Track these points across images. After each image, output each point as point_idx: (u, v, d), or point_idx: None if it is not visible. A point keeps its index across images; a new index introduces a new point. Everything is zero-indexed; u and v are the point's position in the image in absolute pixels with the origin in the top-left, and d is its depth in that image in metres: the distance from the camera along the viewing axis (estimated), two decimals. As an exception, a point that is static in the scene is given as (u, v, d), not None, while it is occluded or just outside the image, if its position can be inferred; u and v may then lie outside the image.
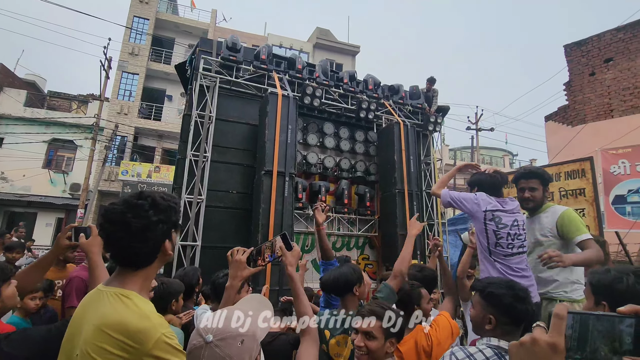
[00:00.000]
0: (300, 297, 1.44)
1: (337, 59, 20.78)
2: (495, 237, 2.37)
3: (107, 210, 1.09)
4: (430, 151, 7.07)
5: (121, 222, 1.05)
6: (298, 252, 1.48)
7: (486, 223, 2.39)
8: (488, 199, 2.44)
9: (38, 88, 18.71)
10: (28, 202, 14.68)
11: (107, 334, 0.96)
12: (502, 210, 2.39)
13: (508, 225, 2.37)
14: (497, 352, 1.28)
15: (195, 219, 4.94)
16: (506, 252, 2.34)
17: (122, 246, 1.06)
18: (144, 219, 1.06)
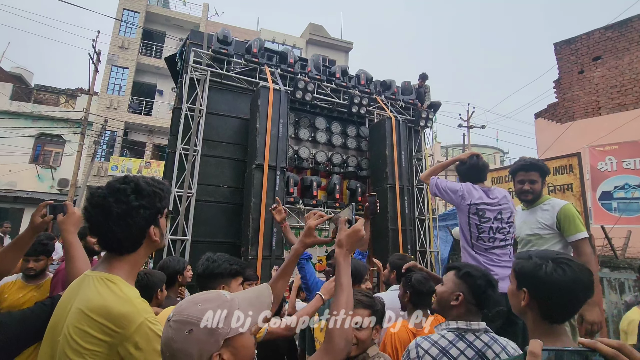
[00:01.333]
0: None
1: (330, 55, 20.73)
2: (477, 231, 2.39)
3: (91, 194, 1.08)
4: (422, 147, 7.11)
5: (102, 206, 1.03)
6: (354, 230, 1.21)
7: (470, 216, 2.41)
8: (474, 190, 2.45)
9: (24, 81, 18.30)
10: (14, 197, 14.39)
11: (90, 317, 0.94)
12: (486, 203, 2.41)
13: (491, 219, 2.39)
14: (458, 334, 1.33)
15: (185, 213, 4.90)
16: (487, 246, 2.37)
17: (103, 231, 1.04)
18: (124, 204, 1.04)
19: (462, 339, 1.32)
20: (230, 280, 1.64)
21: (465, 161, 2.65)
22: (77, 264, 1.37)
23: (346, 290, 1.13)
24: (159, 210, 1.13)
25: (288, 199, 5.46)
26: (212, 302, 0.83)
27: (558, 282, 0.99)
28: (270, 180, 4.94)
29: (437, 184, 2.60)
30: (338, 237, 1.19)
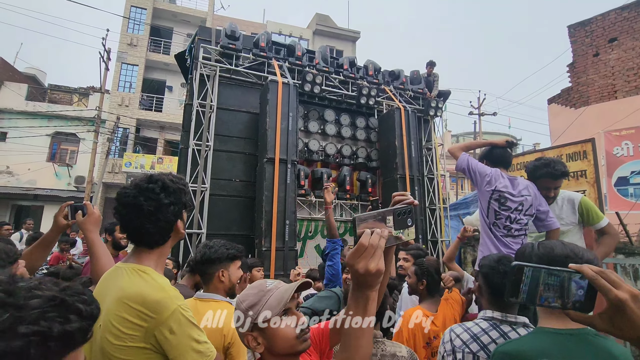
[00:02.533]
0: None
1: (337, 45, 20.53)
2: (494, 217, 2.41)
3: (120, 195, 1.15)
4: (432, 136, 7.08)
5: (133, 205, 1.11)
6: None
7: (490, 202, 2.41)
8: (501, 177, 2.43)
9: (38, 81, 18.68)
10: (34, 195, 14.84)
11: (127, 305, 1.03)
12: (510, 193, 2.40)
13: (511, 208, 2.38)
14: (492, 324, 1.34)
15: (199, 208, 5.02)
16: (502, 233, 2.39)
17: (136, 227, 1.12)
18: (155, 202, 1.12)
19: (496, 328, 1.33)
20: (229, 265, 1.69)
21: (501, 145, 2.63)
22: (102, 261, 1.46)
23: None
24: (185, 205, 1.22)
25: (299, 191, 5.54)
26: (253, 289, 0.97)
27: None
28: (281, 173, 5.01)
29: (469, 162, 2.54)
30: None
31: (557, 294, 0.71)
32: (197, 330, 1.09)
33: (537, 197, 2.45)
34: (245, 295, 0.96)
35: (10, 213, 15.17)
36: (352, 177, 6.31)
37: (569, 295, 0.70)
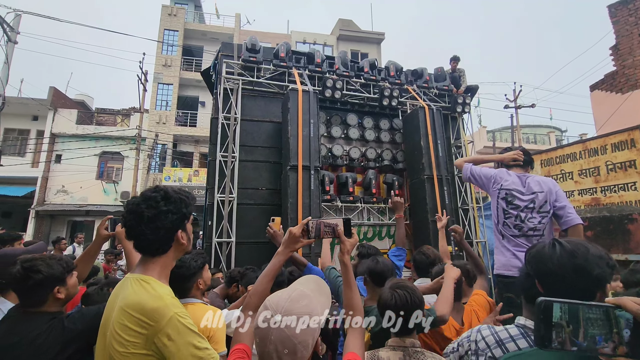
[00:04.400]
0: (353, 287, 1.31)
1: (361, 48, 20.50)
2: (503, 216, 2.31)
3: (127, 202, 1.25)
4: (461, 134, 6.83)
5: (135, 212, 1.19)
6: (356, 240, 1.40)
7: (498, 201, 2.35)
8: (507, 175, 2.36)
9: (87, 106, 20.34)
10: (86, 211, 16.09)
11: (128, 313, 1.09)
12: (518, 190, 2.30)
13: (520, 206, 2.29)
14: (522, 332, 1.24)
15: (228, 217, 5.19)
16: (513, 233, 2.27)
17: (137, 234, 1.20)
18: (154, 209, 1.20)
19: (525, 337, 1.23)
20: (201, 273, 1.77)
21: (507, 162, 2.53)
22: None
23: (353, 287, 1.31)
24: (185, 215, 1.28)
25: (324, 197, 5.55)
26: (305, 298, 1.02)
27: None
28: (305, 179, 5.06)
29: (472, 169, 2.58)
30: (342, 247, 1.35)
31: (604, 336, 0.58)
32: (196, 336, 1.13)
33: (552, 192, 2.30)
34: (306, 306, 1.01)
35: (66, 228, 16.53)
36: (377, 180, 6.23)
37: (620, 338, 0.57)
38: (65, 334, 1.37)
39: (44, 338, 1.34)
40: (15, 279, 1.43)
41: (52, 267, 1.46)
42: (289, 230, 1.36)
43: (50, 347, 1.33)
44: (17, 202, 15.78)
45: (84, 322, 1.43)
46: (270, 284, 1.32)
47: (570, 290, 0.94)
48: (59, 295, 1.47)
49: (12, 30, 7.60)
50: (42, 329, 1.36)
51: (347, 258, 1.34)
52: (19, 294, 1.47)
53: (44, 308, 1.44)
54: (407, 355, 1.37)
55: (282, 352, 0.91)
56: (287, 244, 1.35)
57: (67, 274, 1.53)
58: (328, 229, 1.36)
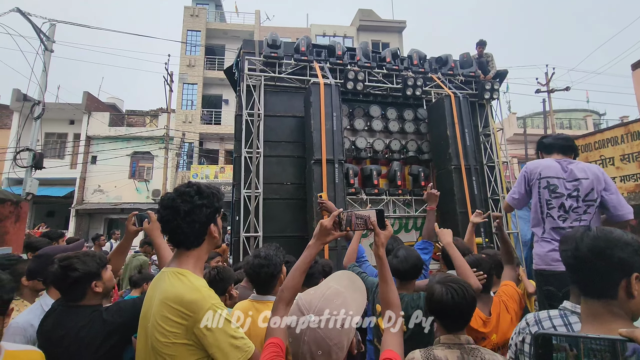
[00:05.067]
0: (389, 282, 1.26)
1: (382, 38, 20.11)
2: (546, 207, 2.16)
3: (162, 198, 1.31)
4: (490, 121, 6.57)
5: (171, 207, 1.25)
6: (390, 232, 1.33)
7: (540, 191, 2.19)
8: (543, 162, 2.21)
9: (118, 109, 21.23)
10: (121, 209, 16.88)
11: (168, 305, 1.15)
12: (560, 177, 2.15)
13: (564, 194, 2.12)
14: (561, 313, 1.26)
15: (255, 212, 5.28)
16: (556, 224, 2.12)
17: (173, 227, 1.25)
18: (189, 203, 1.25)
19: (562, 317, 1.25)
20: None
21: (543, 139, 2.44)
22: (166, 261, 1.64)
23: (390, 282, 1.26)
24: (217, 209, 1.33)
25: (349, 190, 5.53)
26: (340, 296, 0.99)
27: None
28: (329, 173, 5.06)
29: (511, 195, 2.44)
30: (377, 239, 1.28)
31: None
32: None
33: (600, 180, 2.12)
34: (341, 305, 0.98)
35: (103, 225, 17.44)
36: (403, 171, 6.13)
37: None
38: (105, 326, 1.45)
39: (87, 330, 1.43)
40: (55, 277, 1.54)
41: (87, 264, 1.55)
42: (320, 222, 1.31)
43: (93, 339, 1.42)
44: (59, 202, 16.79)
45: (121, 314, 1.50)
46: (302, 277, 1.30)
47: (590, 274, 0.92)
48: (97, 290, 1.56)
49: (48, 40, 8.03)
50: (84, 322, 1.45)
51: (382, 251, 1.27)
52: (60, 290, 1.57)
53: (84, 302, 1.54)
54: (465, 353, 1.28)
55: (316, 353, 0.89)
56: (318, 237, 1.30)
57: (101, 268, 1.61)
58: (360, 221, 1.30)
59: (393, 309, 1.20)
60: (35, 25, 7.78)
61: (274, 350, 1.09)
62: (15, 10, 7.32)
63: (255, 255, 1.73)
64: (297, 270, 1.29)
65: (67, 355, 1.41)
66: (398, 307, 1.22)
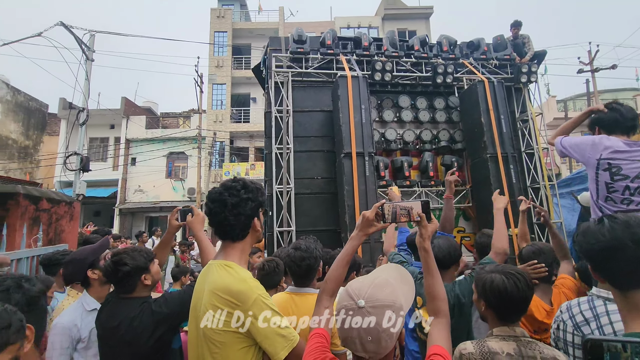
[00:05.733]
0: (436, 274, 1.22)
1: (409, 26, 19.57)
2: (606, 190, 1.97)
3: (210, 192, 1.38)
4: (527, 106, 6.24)
5: (219, 200, 1.31)
6: (436, 225, 1.30)
7: (598, 173, 2.00)
8: (608, 141, 2.01)
9: (153, 112, 22.23)
10: (160, 207, 17.76)
11: (218, 295, 1.21)
12: (624, 158, 1.94)
13: (629, 177, 1.93)
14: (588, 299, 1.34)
15: (287, 207, 5.37)
16: (619, 208, 1.94)
17: (220, 220, 1.31)
18: (236, 197, 1.31)
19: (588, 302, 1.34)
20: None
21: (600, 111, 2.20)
22: (208, 254, 1.71)
23: (435, 274, 1.22)
24: (261, 203, 1.39)
25: (380, 182, 5.48)
26: (389, 286, 0.99)
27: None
28: (359, 166, 5.04)
29: (564, 142, 2.22)
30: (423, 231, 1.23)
31: None
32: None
33: None
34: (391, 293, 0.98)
35: (145, 223, 18.42)
36: (435, 162, 5.98)
37: None
38: (154, 316, 1.54)
39: (138, 320, 1.53)
40: (107, 273, 1.67)
41: (136, 259, 1.65)
42: (362, 214, 1.30)
43: (145, 328, 1.52)
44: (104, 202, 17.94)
45: (168, 305, 1.58)
46: (345, 268, 1.31)
47: (630, 263, 0.88)
48: (146, 282, 1.68)
49: (89, 50, 8.55)
50: (135, 312, 1.55)
51: (427, 244, 1.23)
52: (113, 284, 1.70)
53: (135, 294, 1.66)
54: (522, 346, 1.22)
55: (366, 339, 0.89)
56: (360, 228, 1.29)
57: (149, 262, 1.72)
58: (404, 212, 1.26)
59: (440, 302, 1.17)
60: (78, 37, 8.30)
61: (318, 341, 1.12)
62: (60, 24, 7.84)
63: (295, 247, 1.76)
64: (340, 261, 1.30)
65: (123, 343, 1.53)
66: (445, 300, 1.19)
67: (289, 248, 1.82)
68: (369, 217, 1.27)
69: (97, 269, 1.89)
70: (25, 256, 2.81)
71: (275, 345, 1.18)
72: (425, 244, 1.22)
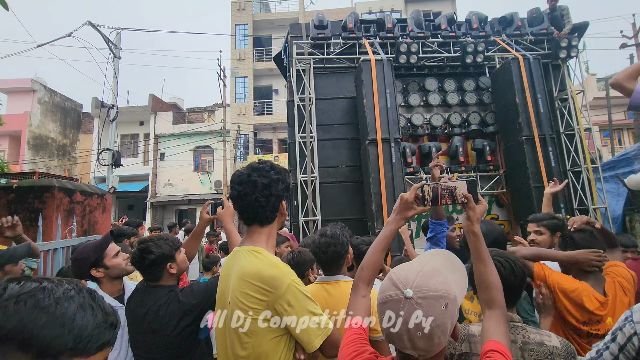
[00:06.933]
0: (488, 261, 1.10)
1: (433, 7, 18.78)
2: None
3: (236, 175, 1.31)
4: (567, 84, 5.80)
5: (249, 182, 1.25)
6: (485, 207, 1.17)
7: None
8: None
9: (179, 107, 22.77)
10: (189, 200, 18.28)
11: (248, 282, 1.15)
12: None
13: None
14: None
15: (312, 196, 5.31)
16: None
17: (250, 201, 1.24)
18: (267, 178, 1.26)
19: None
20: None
21: None
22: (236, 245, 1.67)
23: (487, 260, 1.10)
24: (288, 185, 1.33)
25: (407, 169, 5.30)
26: (440, 274, 0.84)
27: None
28: (385, 153, 4.88)
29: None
30: (471, 214, 1.10)
31: None
32: (312, 303, 1.16)
33: None
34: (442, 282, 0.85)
35: (175, 215, 19.05)
36: (465, 147, 5.71)
37: None
38: (181, 306, 1.53)
39: (165, 309, 1.53)
40: (135, 261, 1.67)
41: (161, 247, 1.65)
42: (400, 196, 1.20)
43: (171, 318, 1.52)
44: (136, 196, 18.69)
45: (195, 296, 1.56)
46: (383, 254, 1.21)
47: None
48: (172, 271, 1.67)
49: (116, 47, 8.78)
50: (162, 301, 1.55)
51: (477, 227, 1.10)
52: (140, 272, 1.70)
53: (161, 282, 1.65)
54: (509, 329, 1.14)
55: (416, 335, 0.77)
56: (398, 211, 1.19)
57: (175, 251, 1.71)
58: (446, 192, 1.13)
59: (495, 291, 1.05)
60: (105, 35, 8.53)
61: (356, 332, 1.03)
62: (87, 24, 8.07)
63: (321, 234, 1.69)
64: (377, 246, 1.20)
65: (151, 331, 1.52)
66: (500, 289, 1.07)
67: (315, 235, 1.75)
68: (408, 199, 1.17)
69: (101, 267, 1.81)
70: (61, 246, 2.91)
71: (309, 334, 1.12)
72: (474, 227, 1.10)
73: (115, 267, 1.83)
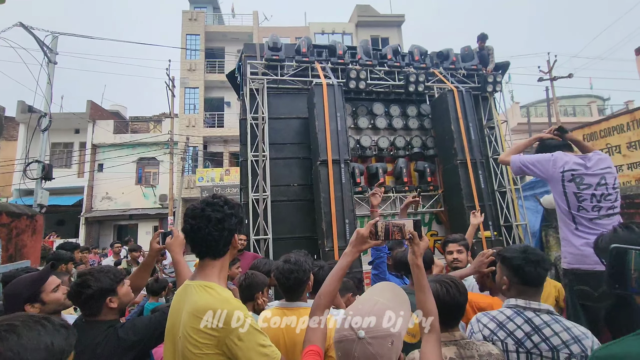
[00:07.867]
0: (427, 291, 1.25)
1: (381, 33, 20.03)
2: (576, 200, 2.12)
3: (190, 209, 1.35)
4: (493, 114, 6.56)
5: (202, 216, 1.30)
6: (427, 243, 1.32)
7: (564, 185, 2.16)
8: (566, 157, 2.20)
9: (121, 116, 21.38)
10: (130, 215, 17.07)
11: (200, 317, 1.19)
12: (584, 168, 2.15)
13: (592, 185, 2.11)
14: (516, 311, 1.41)
15: (263, 215, 5.33)
16: (592, 216, 2.09)
17: (203, 235, 1.29)
18: (220, 212, 1.31)
19: (520, 314, 1.40)
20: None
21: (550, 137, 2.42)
22: (184, 276, 1.66)
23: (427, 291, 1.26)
24: (241, 220, 1.40)
25: (356, 189, 5.56)
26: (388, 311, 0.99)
27: None
28: (335, 173, 5.09)
29: (522, 160, 2.38)
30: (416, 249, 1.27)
31: None
32: (262, 335, 1.22)
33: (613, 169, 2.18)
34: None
35: (113, 232, 17.62)
36: (408, 168, 6.15)
37: None
38: (120, 344, 1.48)
39: (102, 347, 1.45)
40: (71, 295, 1.59)
41: (101, 281, 1.57)
42: (356, 231, 1.34)
43: (109, 356, 1.46)
44: (68, 210, 17.01)
45: (136, 332, 1.52)
46: (338, 284, 1.32)
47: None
48: (112, 305, 1.59)
49: (51, 52, 8.13)
50: (100, 339, 1.47)
51: (420, 261, 1.25)
52: (78, 307, 1.62)
53: (100, 317, 1.56)
54: (461, 348, 1.32)
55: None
56: (354, 244, 1.32)
57: (116, 284, 1.63)
58: (396, 229, 1.30)
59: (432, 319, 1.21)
60: (38, 38, 7.88)
61: (314, 358, 1.12)
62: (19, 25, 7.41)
63: (285, 261, 1.75)
64: (333, 276, 1.32)
65: None
66: (437, 316, 1.22)
67: (279, 262, 1.82)
68: (363, 234, 1.31)
69: (37, 303, 1.69)
70: (-17, 275, 2.63)
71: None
72: (417, 261, 1.26)
73: (53, 302, 1.72)
